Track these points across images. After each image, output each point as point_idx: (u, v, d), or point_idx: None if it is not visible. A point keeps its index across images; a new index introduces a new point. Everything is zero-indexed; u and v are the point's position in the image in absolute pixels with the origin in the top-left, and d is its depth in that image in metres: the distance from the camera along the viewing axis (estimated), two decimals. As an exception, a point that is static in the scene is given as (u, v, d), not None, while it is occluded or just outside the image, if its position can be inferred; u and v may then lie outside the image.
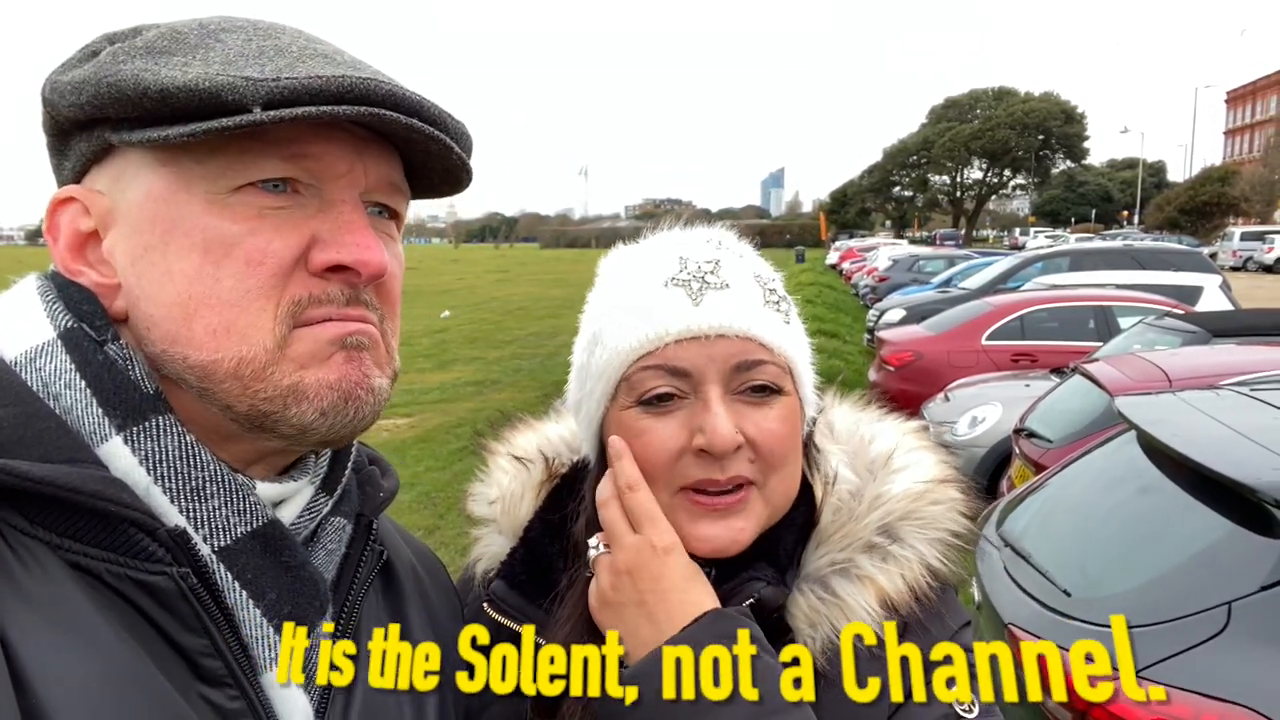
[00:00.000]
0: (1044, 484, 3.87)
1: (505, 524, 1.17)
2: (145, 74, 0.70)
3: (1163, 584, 2.60)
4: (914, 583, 1.01)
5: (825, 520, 1.06)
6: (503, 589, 1.08)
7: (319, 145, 0.74)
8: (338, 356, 0.76)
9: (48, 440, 0.68)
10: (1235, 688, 2.18)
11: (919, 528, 1.05)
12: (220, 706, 0.70)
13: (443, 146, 0.78)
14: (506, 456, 1.23)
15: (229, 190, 0.72)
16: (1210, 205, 61.89)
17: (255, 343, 0.72)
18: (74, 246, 0.78)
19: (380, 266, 0.76)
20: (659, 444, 0.98)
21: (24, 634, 0.61)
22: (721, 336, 0.97)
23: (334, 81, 0.70)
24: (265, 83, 0.69)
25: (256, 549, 0.75)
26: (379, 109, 0.71)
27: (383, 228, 0.82)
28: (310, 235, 0.74)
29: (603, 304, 1.07)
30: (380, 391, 0.80)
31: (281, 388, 0.73)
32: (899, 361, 9.89)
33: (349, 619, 0.85)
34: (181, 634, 0.69)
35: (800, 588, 1.02)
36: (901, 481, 1.08)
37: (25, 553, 0.65)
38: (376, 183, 0.80)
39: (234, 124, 0.68)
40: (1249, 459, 2.71)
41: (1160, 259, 14.89)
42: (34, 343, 0.73)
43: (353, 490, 0.90)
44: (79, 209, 0.78)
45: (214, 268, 0.72)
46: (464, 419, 10.97)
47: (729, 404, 0.98)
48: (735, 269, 1.01)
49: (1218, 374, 5.17)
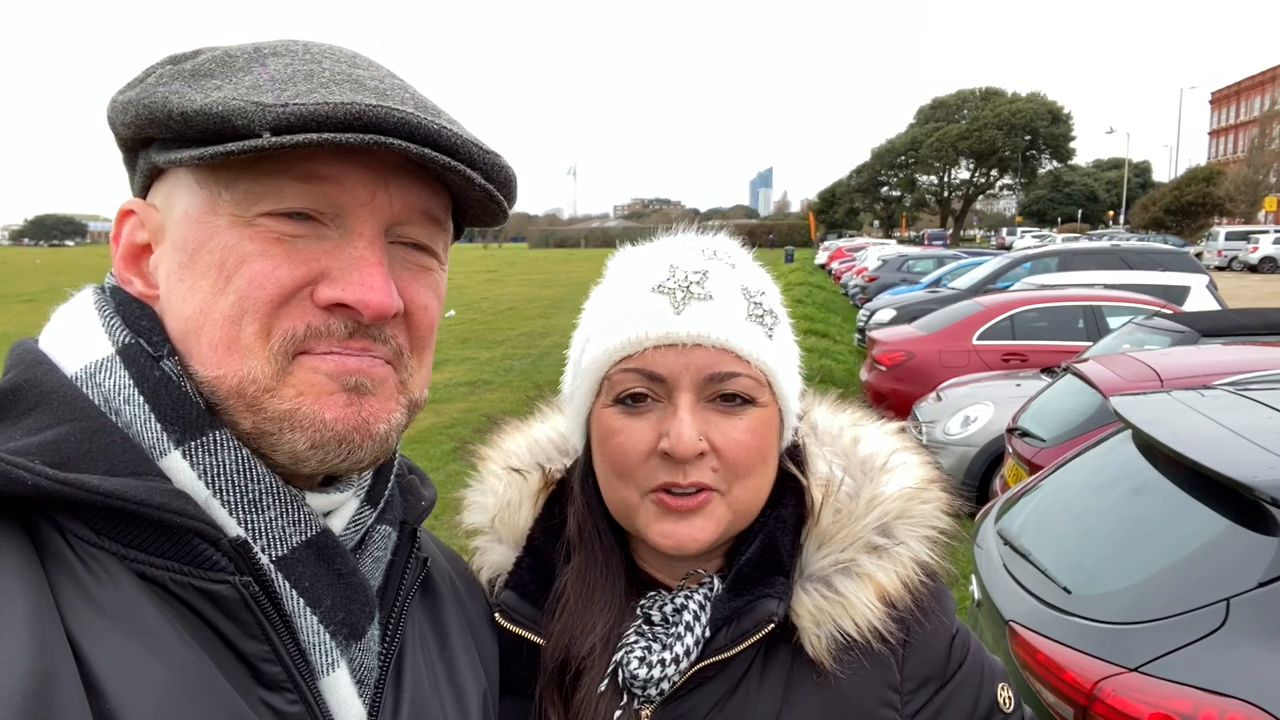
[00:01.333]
0: (1041, 482, 3.90)
1: (505, 533, 1.19)
2: (173, 97, 0.73)
3: (1161, 581, 2.63)
4: (908, 578, 1.06)
5: (826, 521, 1.10)
6: (514, 599, 1.11)
7: (337, 169, 0.74)
8: (339, 396, 0.76)
9: (113, 454, 0.69)
10: (1234, 683, 2.20)
11: (912, 526, 1.10)
12: (280, 710, 0.72)
13: (462, 178, 0.76)
14: (503, 467, 1.25)
15: (254, 215, 0.74)
16: (1195, 205, 62.28)
17: (253, 364, 0.73)
18: (128, 256, 0.81)
19: (381, 309, 0.75)
20: (630, 444, 1.03)
21: (95, 640, 0.63)
22: (699, 345, 1.01)
23: (341, 109, 0.70)
24: (274, 108, 0.69)
25: (312, 558, 0.76)
26: (387, 137, 0.71)
27: (414, 259, 0.82)
28: (320, 269, 0.74)
29: (597, 303, 1.11)
30: (383, 437, 0.79)
31: (280, 411, 0.74)
32: (891, 361, 9.93)
33: (396, 624, 0.87)
34: (243, 640, 0.71)
35: (805, 587, 1.06)
36: (894, 482, 1.13)
37: (94, 563, 0.67)
38: (406, 211, 0.79)
39: (239, 148, 0.69)
40: (1245, 458, 2.74)
41: (1148, 259, 14.98)
42: (94, 358, 0.75)
43: (396, 500, 0.92)
44: (136, 221, 0.81)
45: (224, 283, 0.73)
46: (456, 419, 10.96)
47: (699, 411, 1.02)
48: (722, 280, 1.04)
49: (1208, 373, 5.23)
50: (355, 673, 0.79)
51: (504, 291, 34.14)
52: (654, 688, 1.02)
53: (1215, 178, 64.92)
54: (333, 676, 0.77)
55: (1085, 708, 2.38)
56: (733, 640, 1.02)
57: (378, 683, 0.82)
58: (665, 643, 1.03)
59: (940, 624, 1.10)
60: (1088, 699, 2.38)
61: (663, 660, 1.02)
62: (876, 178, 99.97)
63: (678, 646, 1.02)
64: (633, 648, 1.04)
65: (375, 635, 0.82)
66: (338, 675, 0.77)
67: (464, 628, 1.02)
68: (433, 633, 0.97)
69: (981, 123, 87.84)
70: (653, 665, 1.02)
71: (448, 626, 0.99)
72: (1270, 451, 2.75)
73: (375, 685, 0.82)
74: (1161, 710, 2.23)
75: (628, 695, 1.03)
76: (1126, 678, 2.35)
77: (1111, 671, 2.38)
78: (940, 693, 1.07)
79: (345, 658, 0.78)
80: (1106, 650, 2.45)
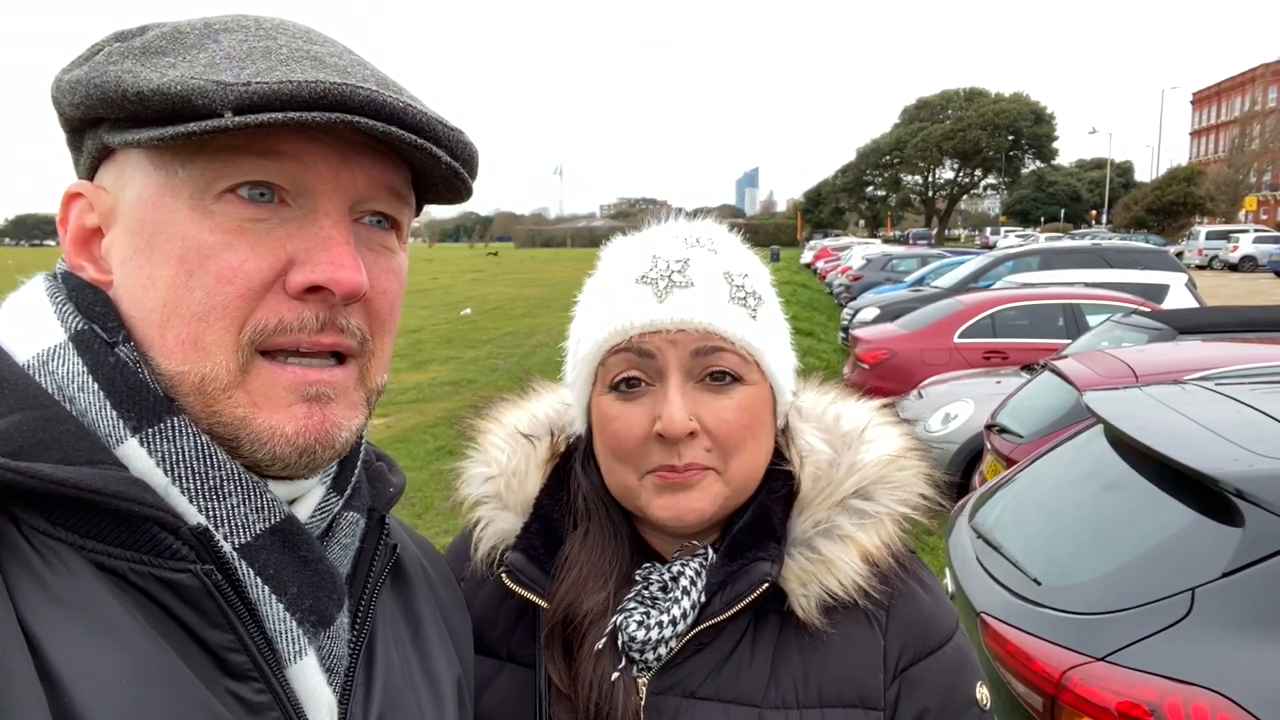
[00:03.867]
0: (1015, 477, 3.94)
1: (511, 499, 1.22)
2: (127, 76, 0.70)
3: (1129, 572, 2.66)
4: (889, 540, 1.10)
5: (806, 488, 1.14)
6: (521, 561, 1.14)
7: (298, 145, 0.73)
8: (298, 408, 0.75)
9: (67, 443, 0.67)
10: (1199, 671, 2.24)
11: (890, 490, 1.13)
12: (246, 700, 0.71)
13: (428, 155, 0.75)
14: (509, 433, 1.28)
15: (213, 196, 0.72)
16: (1176, 205, 62.79)
17: (218, 362, 0.72)
18: (78, 241, 0.79)
19: (353, 286, 0.74)
20: (627, 429, 1.07)
21: (52, 633, 0.61)
22: (682, 331, 1.05)
23: (305, 87, 0.69)
24: (235, 87, 0.68)
25: (276, 545, 0.75)
26: (353, 115, 0.70)
27: (378, 239, 0.81)
28: (288, 255, 0.73)
29: (588, 294, 1.16)
30: (343, 444, 0.78)
31: (235, 416, 0.73)
32: (873, 359, 9.98)
33: (366, 612, 0.86)
34: (207, 630, 0.70)
35: (790, 552, 1.11)
36: (873, 451, 1.17)
37: (50, 554, 0.65)
38: (370, 188, 0.78)
39: (200, 129, 0.67)
40: (1212, 451, 2.78)
41: (1128, 258, 15.09)
42: (45, 345, 0.73)
43: (363, 487, 0.91)
44: (85, 204, 0.79)
45: (187, 277, 0.71)
46: (440, 419, 10.94)
47: (689, 391, 1.06)
48: (703, 267, 1.08)
49: (1183, 369, 5.28)
50: (324, 661, 0.77)
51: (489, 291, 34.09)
52: (651, 651, 1.07)
53: (1196, 177, 65.47)
54: (300, 665, 0.75)
55: (1053, 697, 2.41)
56: (727, 604, 1.06)
57: (348, 670, 0.81)
58: (663, 608, 1.08)
59: (926, 586, 1.14)
60: (1056, 688, 2.41)
61: (660, 623, 1.06)
62: (862, 177, 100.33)
63: (675, 609, 1.07)
64: (632, 613, 1.08)
65: (345, 623, 0.81)
66: (305, 663, 0.76)
67: (436, 614, 1.02)
68: (405, 620, 0.96)
69: (965, 123, 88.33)
70: (650, 628, 1.06)
71: (420, 614, 0.99)
72: (1236, 445, 2.79)
73: (346, 673, 0.81)
74: (1128, 699, 2.26)
75: (626, 659, 1.07)
76: (1094, 667, 2.38)
77: (1079, 661, 2.41)
78: (920, 663, 1.09)
79: (313, 646, 0.76)
80: (1075, 640, 2.48)
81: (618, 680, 1.05)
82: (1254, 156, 71.48)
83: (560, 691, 1.08)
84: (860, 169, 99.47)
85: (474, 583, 1.20)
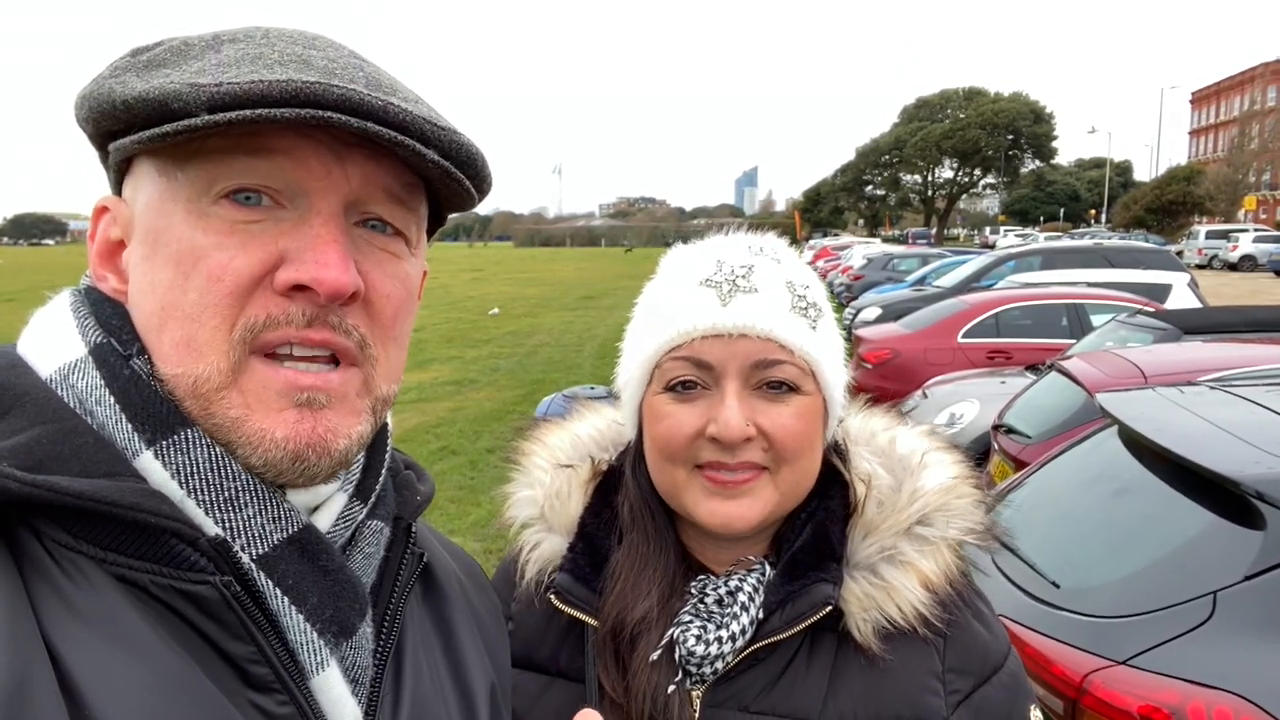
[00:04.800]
0: (1027, 479, 3.93)
1: (555, 521, 1.23)
2: (118, 87, 0.72)
3: (1149, 575, 2.65)
4: (948, 567, 1.11)
5: (870, 513, 1.14)
6: (568, 581, 1.15)
7: (289, 141, 0.73)
8: (289, 414, 0.74)
9: (85, 456, 0.68)
10: (1222, 675, 2.23)
11: (950, 518, 1.14)
12: (270, 712, 0.70)
13: (411, 153, 0.74)
14: (549, 461, 1.29)
15: (211, 199, 0.72)
16: (1176, 204, 62.87)
17: (210, 363, 0.72)
18: (103, 254, 0.80)
19: (336, 286, 0.73)
20: (678, 427, 1.07)
21: (74, 646, 0.62)
22: (744, 336, 1.05)
23: (276, 86, 0.69)
24: (208, 88, 0.69)
25: (295, 555, 0.74)
26: (325, 112, 0.69)
27: (380, 244, 0.80)
28: (279, 252, 0.73)
29: (650, 297, 1.17)
30: (341, 452, 0.77)
31: (229, 418, 0.72)
32: (877, 359, 9.97)
33: (391, 623, 0.85)
34: (228, 642, 0.69)
35: (853, 575, 1.10)
36: (932, 478, 1.17)
37: (70, 566, 0.65)
38: (366, 189, 0.77)
39: (174, 129, 0.69)
40: (1231, 453, 2.77)
41: (1130, 257, 15.12)
42: (67, 359, 0.74)
43: (389, 495, 0.90)
44: (110, 218, 0.80)
45: (183, 279, 0.72)
46: (443, 419, 10.92)
47: (746, 398, 1.06)
48: (767, 275, 1.08)
49: (1191, 370, 5.28)
50: (348, 672, 0.77)
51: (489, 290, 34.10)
52: (709, 666, 1.07)
53: (1196, 177, 65.57)
54: (323, 676, 0.75)
55: (1075, 701, 2.40)
56: (788, 622, 1.06)
57: (374, 681, 0.81)
58: (721, 622, 1.08)
59: (980, 614, 1.15)
60: (1077, 692, 2.40)
61: (719, 638, 1.06)
62: (861, 177, 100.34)
63: (734, 625, 1.07)
64: (689, 626, 1.08)
65: (369, 633, 0.80)
66: (329, 674, 0.75)
67: (471, 624, 1.01)
68: (435, 629, 0.95)
69: (965, 122, 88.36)
70: (709, 643, 1.06)
71: (453, 623, 0.98)
72: (1255, 446, 2.78)
73: (371, 684, 0.80)
74: (1150, 703, 2.25)
75: (682, 673, 1.07)
76: (1115, 671, 2.36)
77: (1100, 665, 2.40)
78: (980, 689, 1.10)
79: (336, 656, 0.76)
80: (1095, 644, 2.47)
81: (673, 693, 1.05)
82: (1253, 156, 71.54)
83: (614, 702, 1.08)
84: (859, 168, 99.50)
85: (522, 604, 1.21)
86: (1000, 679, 1.11)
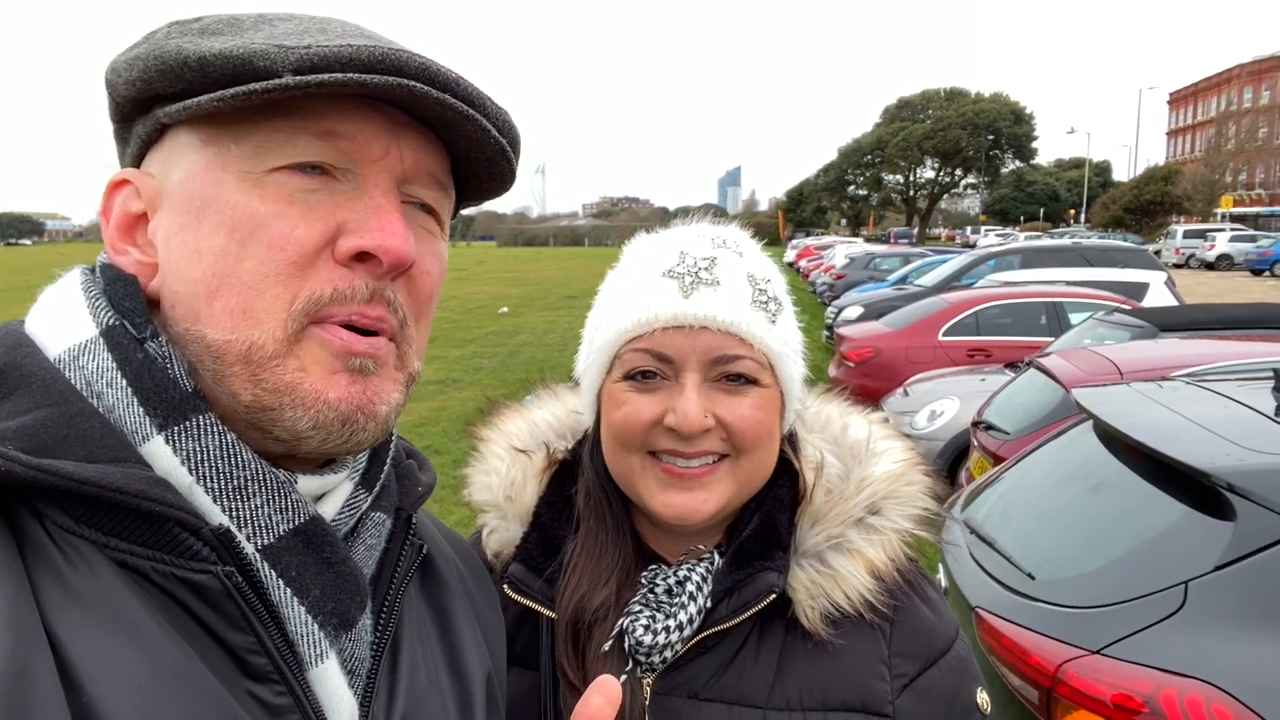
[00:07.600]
0: (1005, 473, 3.97)
1: (510, 510, 1.23)
2: (188, 44, 0.71)
3: (1122, 566, 2.69)
4: (895, 554, 1.12)
5: (819, 501, 1.15)
6: (521, 571, 1.15)
7: (352, 124, 0.73)
8: (341, 376, 0.74)
9: (91, 440, 0.67)
10: (1193, 663, 2.27)
11: (898, 506, 1.15)
12: (267, 702, 0.70)
13: (479, 129, 0.76)
14: (505, 447, 1.28)
15: (264, 171, 0.72)
16: (1154, 204, 63.41)
17: (267, 330, 0.71)
18: (122, 227, 0.78)
19: (402, 254, 0.74)
20: (636, 414, 1.08)
21: (73, 631, 0.61)
22: (705, 329, 1.06)
23: (364, 50, 0.69)
24: (296, 49, 0.68)
25: (299, 546, 0.74)
26: (411, 81, 0.70)
27: (421, 221, 0.81)
28: (338, 223, 0.73)
29: (611, 286, 1.16)
30: (384, 418, 0.78)
31: (283, 382, 0.72)
32: (859, 357, 10.04)
33: (389, 613, 0.85)
34: (228, 631, 0.69)
35: (800, 563, 1.11)
36: (881, 465, 1.18)
37: (72, 551, 0.64)
38: (414, 170, 0.78)
39: (263, 88, 0.68)
40: (1203, 446, 2.82)
41: (1108, 256, 15.25)
42: (77, 340, 0.72)
43: (392, 485, 0.90)
44: (131, 191, 0.78)
45: (239, 247, 0.71)
46: (426, 418, 10.89)
47: (705, 390, 1.07)
48: (729, 268, 1.09)
49: (1166, 366, 5.35)
50: (346, 663, 0.77)
51: (472, 290, 33.96)
52: (658, 655, 1.07)
53: (1173, 177, 66.14)
54: (322, 668, 0.75)
55: (1049, 690, 2.43)
56: (734, 611, 1.07)
57: (370, 673, 0.80)
58: (669, 612, 1.08)
59: (928, 598, 1.16)
60: (1052, 681, 2.43)
61: (667, 628, 1.07)
62: (843, 177, 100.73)
63: (681, 615, 1.07)
64: (638, 616, 1.09)
65: (367, 625, 0.80)
66: (327, 666, 0.75)
67: (469, 613, 1.01)
68: (433, 619, 0.95)
69: (946, 123, 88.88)
70: (657, 633, 1.07)
71: (451, 612, 0.98)
72: (1227, 440, 2.82)
73: (368, 675, 0.80)
74: (1123, 691, 2.29)
75: (632, 662, 1.08)
76: (1089, 660, 2.40)
77: (1074, 654, 2.43)
78: (926, 673, 1.11)
79: (335, 648, 0.75)
80: (1069, 633, 2.51)
81: (625, 682, 1.05)
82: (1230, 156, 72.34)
83: (573, 688, 1.08)
84: (842, 168, 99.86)
85: None
86: (946, 662, 1.12)
